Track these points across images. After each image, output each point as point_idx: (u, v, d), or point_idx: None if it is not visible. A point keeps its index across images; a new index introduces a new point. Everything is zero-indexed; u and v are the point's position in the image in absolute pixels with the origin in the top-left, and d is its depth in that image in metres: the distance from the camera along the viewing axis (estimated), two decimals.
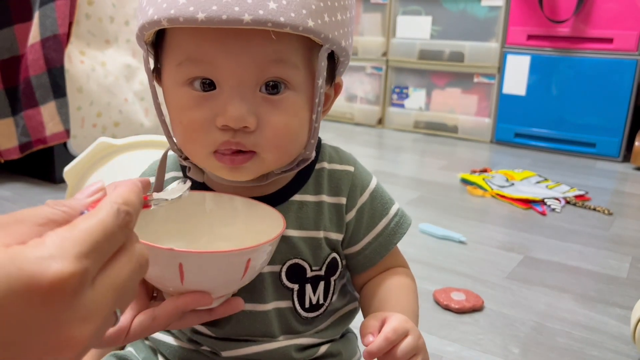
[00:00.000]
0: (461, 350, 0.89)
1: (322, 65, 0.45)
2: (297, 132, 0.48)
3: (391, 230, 0.57)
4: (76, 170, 1.16)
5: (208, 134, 0.45)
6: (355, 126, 2.89)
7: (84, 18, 1.65)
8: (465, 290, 1.06)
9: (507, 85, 2.48)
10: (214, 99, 0.45)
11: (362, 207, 0.56)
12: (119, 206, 0.30)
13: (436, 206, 1.62)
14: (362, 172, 0.57)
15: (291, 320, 0.54)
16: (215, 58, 0.44)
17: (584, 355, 0.89)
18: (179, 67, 0.46)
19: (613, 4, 2.19)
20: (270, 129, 0.45)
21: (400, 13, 2.69)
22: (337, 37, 0.45)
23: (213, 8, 0.40)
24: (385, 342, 0.45)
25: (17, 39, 1.59)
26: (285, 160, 0.50)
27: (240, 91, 0.44)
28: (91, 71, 1.66)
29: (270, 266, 0.52)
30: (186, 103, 0.46)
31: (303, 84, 0.47)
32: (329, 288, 0.56)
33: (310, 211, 0.53)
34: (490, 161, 2.25)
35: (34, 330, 0.25)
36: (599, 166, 2.22)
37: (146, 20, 0.44)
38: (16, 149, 1.62)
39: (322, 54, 0.45)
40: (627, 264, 1.25)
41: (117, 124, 1.75)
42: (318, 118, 0.48)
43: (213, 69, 0.44)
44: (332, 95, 0.54)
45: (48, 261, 0.25)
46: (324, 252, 0.54)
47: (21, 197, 1.55)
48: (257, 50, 0.43)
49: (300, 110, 0.47)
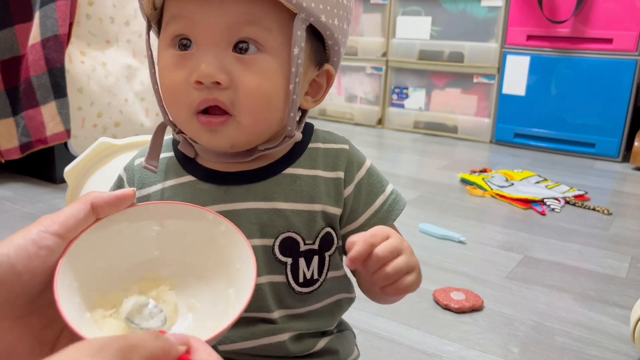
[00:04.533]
0: (461, 350, 0.89)
1: (299, 34, 0.47)
2: (270, 96, 0.48)
3: (389, 207, 0.57)
4: (77, 170, 1.16)
5: (187, 94, 0.47)
6: (355, 126, 2.89)
7: (84, 18, 1.65)
8: (464, 290, 1.06)
9: (507, 85, 2.48)
10: (191, 58, 0.47)
11: (360, 182, 0.56)
12: None
13: (436, 206, 1.62)
14: (356, 151, 0.58)
15: (285, 295, 0.54)
16: (193, 15, 0.46)
17: (584, 354, 0.89)
18: (165, 28, 0.49)
19: (613, 4, 2.19)
20: (243, 87, 0.47)
21: (400, 13, 2.69)
22: (314, 8, 0.46)
23: None
24: (364, 245, 0.44)
25: (17, 40, 1.59)
26: (262, 127, 0.50)
27: (213, 49, 0.46)
28: (92, 71, 1.67)
29: (264, 239, 0.52)
30: (169, 63, 0.49)
31: (278, 50, 0.48)
32: (323, 263, 0.56)
33: (304, 184, 0.54)
34: (490, 161, 2.25)
35: None
36: (598, 166, 2.23)
37: None
38: (17, 149, 1.63)
39: (296, 22, 0.46)
40: (627, 264, 1.26)
41: (117, 124, 1.76)
42: (296, 89, 0.48)
43: (191, 27, 0.47)
44: (324, 85, 0.55)
45: None
46: (317, 226, 0.54)
47: (21, 197, 1.55)
48: (231, 10, 0.46)
49: (274, 74, 0.48)
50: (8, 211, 1.43)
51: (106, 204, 0.41)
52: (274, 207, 0.52)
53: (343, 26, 0.51)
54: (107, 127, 1.73)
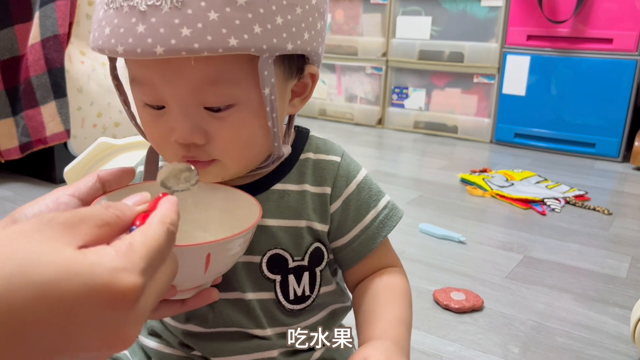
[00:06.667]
0: (461, 350, 0.89)
1: (265, 74, 0.43)
2: (250, 141, 0.47)
3: (380, 223, 0.56)
4: (76, 170, 1.16)
5: (170, 146, 0.47)
6: (355, 126, 2.89)
7: (84, 18, 1.65)
8: (465, 290, 1.06)
9: (507, 85, 2.48)
10: (166, 115, 0.46)
11: (348, 198, 0.55)
12: (168, 226, 0.34)
13: (436, 206, 1.62)
14: (349, 163, 0.56)
15: (275, 311, 0.54)
16: (154, 82, 0.44)
17: (583, 354, 0.89)
18: (132, 85, 0.47)
19: (612, 4, 2.19)
20: (221, 141, 0.46)
21: (400, 13, 2.69)
22: (278, 43, 0.42)
23: (129, 41, 0.40)
24: None
25: (17, 40, 1.59)
26: (249, 164, 0.50)
27: (184, 109, 0.44)
28: (91, 71, 1.67)
29: (249, 256, 0.52)
30: (146, 120, 0.48)
31: (249, 95, 0.45)
32: (315, 279, 0.55)
33: (292, 200, 0.53)
34: (490, 161, 2.25)
35: (99, 328, 0.30)
36: (598, 166, 2.22)
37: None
38: (16, 149, 1.63)
39: (261, 64, 0.43)
40: (627, 264, 1.26)
41: (117, 124, 1.76)
42: (275, 123, 0.46)
43: (156, 94, 0.45)
44: (310, 83, 0.52)
45: (120, 273, 0.30)
46: (305, 242, 0.54)
47: (21, 197, 1.55)
48: (192, 74, 0.43)
49: (250, 122, 0.46)
50: (8, 211, 1.43)
51: (111, 175, 0.44)
52: (261, 223, 0.51)
53: (314, 31, 0.46)
54: (107, 127, 1.73)
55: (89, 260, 0.29)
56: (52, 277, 0.28)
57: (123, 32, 0.40)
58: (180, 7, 0.39)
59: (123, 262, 0.30)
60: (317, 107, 3.03)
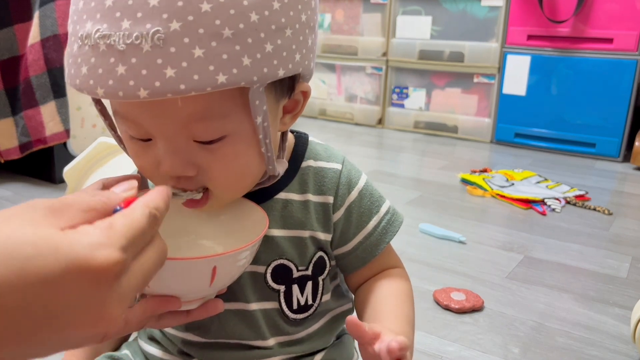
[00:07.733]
0: (461, 350, 0.89)
1: (257, 103, 0.41)
2: (243, 170, 0.46)
3: (382, 229, 0.56)
4: (76, 170, 1.16)
5: (159, 177, 0.45)
6: (355, 126, 2.89)
7: None
8: (465, 290, 1.06)
9: (507, 85, 2.48)
10: (153, 147, 0.43)
11: (350, 205, 0.54)
12: (151, 210, 0.35)
13: (436, 206, 1.62)
14: (350, 170, 0.55)
15: (279, 321, 0.53)
16: (139, 119, 0.42)
17: (584, 354, 0.89)
18: (115, 118, 0.45)
19: (613, 4, 2.19)
20: (213, 172, 0.44)
21: (400, 13, 2.69)
22: (269, 71, 0.40)
23: (109, 83, 0.37)
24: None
25: (17, 39, 1.59)
26: (244, 190, 0.49)
27: (173, 146, 0.42)
28: None
29: (254, 266, 0.51)
30: (133, 151, 0.46)
31: (241, 126, 0.43)
32: (317, 288, 0.55)
33: (296, 210, 0.52)
34: (490, 161, 2.25)
35: (81, 305, 0.30)
36: (598, 166, 2.22)
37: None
38: (16, 149, 1.63)
39: (252, 95, 0.40)
40: (627, 264, 1.25)
41: None
42: (269, 148, 0.44)
43: (142, 129, 0.42)
44: (301, 99, 0.49)
45: (99, 248, 0.30)
46: (309, 251, 0.53)
47: (21, 197, 1.55)
48: (179, 112, 0.40)
49: (243, 151, 0.44)
50: None
51: (116, 182, 0.43)
52: (266, 233, 0.49)
53: (305, 49, 0.44)
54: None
55: (69, 237, 0.30)
56: (32, 253, 0.28)
57: (102, 74, 0.37)
58: (162, 45, 0.36)
59: (102, 238, 0.31)
60: (317, 107, 3.02)
